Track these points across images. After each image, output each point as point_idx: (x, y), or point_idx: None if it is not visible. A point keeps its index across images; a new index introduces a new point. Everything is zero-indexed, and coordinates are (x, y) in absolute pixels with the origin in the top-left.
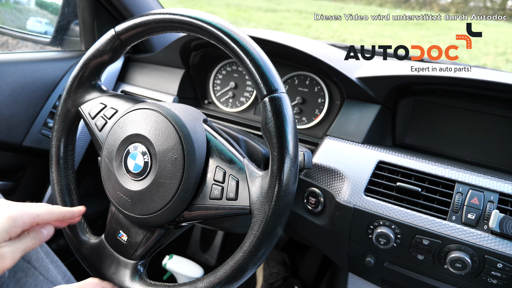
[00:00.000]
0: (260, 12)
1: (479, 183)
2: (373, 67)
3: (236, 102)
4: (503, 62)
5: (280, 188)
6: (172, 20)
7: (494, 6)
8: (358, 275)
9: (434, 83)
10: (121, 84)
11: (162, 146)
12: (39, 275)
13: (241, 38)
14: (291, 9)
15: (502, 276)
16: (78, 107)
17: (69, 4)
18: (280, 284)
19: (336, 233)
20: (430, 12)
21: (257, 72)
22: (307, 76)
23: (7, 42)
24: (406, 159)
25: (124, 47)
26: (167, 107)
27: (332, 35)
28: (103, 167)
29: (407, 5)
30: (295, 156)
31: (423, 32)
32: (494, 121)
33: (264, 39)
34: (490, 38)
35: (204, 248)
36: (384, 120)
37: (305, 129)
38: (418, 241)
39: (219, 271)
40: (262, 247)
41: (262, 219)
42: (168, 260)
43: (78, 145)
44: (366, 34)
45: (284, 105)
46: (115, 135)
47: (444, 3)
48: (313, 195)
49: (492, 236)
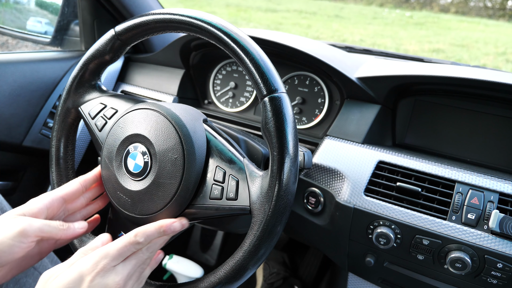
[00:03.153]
0: (260, 12)
1: (479, 183)
2: (373, 67)
3: (236, 102)
4: (503, 62)
5: (280, 188)
6: (172, 20)
7: (494, 6)
8: (358, 275)
9: (434, 83)
10: (121, 84)
11: (162, 146)
12: (38, 275)
13: (241, 38)
14: (291, 9)
15: (502, 276)
16: (78, 107)
17: (69, 4)
18: (280, 284)
19: (336, 233)
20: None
21: (257, 72)
22: (307, 76)
23: (7, 42)
24: (406, 159)
25: (124, 47)
26: (167, 107)
27: (332, 35)
28: (103, 167)
29: (408, 5)
30: (295, 156)
31: (423, 32)
32: (494, 121)
33: (264, 39)
34: (490, 38)
35: (204, 248)
36: (384, 120)
37: (305, 129)
38: (418, 241)
39: (219, 271)
40: (262, 247)
41: (262, 219)
42: (168, 260)
43: (78, 145)
44: (366, 34)
45: (284, 105)
46: (115, 135)
47: (444, 3)
48: (313, 195)
49: (492, 236)
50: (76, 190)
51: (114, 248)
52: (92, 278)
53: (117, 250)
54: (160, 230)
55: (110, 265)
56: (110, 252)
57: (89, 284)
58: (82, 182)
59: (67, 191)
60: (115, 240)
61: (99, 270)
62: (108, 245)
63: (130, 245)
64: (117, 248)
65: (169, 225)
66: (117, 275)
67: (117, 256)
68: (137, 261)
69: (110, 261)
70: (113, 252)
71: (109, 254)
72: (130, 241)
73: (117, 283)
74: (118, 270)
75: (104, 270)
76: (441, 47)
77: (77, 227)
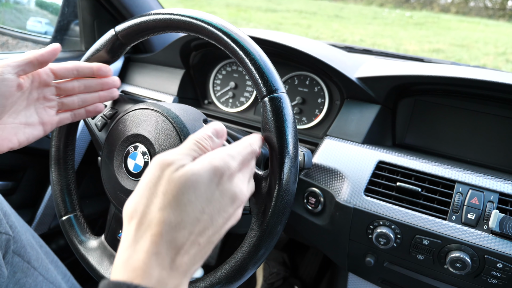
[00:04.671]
0: (260, 12)
1: (479, 183)
2: (373, 67)
3: (236, 102)
4: (503, 62)
5: (280, 188)
6: (172, 20)
7: (494, 6)
8: (358, 275)
9: (434, 83)
10: (121, 84)
11: (162, 146)
12: (38, 275)
13: (241, 38)
14: (291, 9)
15: (502, 276)
16: None
17: (69, 4)
18: (280, 284)
19: (336, 233)
20: (430, 12)
21: (257, 72)
22: (307, 76)
23: (7, 42)
24: (406, 159)
25: (124, 47)
26: (167, 107)
27: (332, 35)
28: (103, 167)
29: (408, 5)
30: (295, 156)
31: (423, 32)
32: (494, 121)
33: (264, 39)
34: (490, 38)
35: None
36: (384, 120)
37: (305, 129)
38: (418, 241)
39: (219, 271)
40: (262, 247)
41: (262, 219)
42: None
43: (78, 145)
44: (366, 34)
45: (284, 105)
46: (115, 135)
47: (444, 3)
48: (313, 195)
49: (492, 236)
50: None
51: (238, 151)
52: (224, 181)
53: (242, 155)
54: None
55: (237, 170)
56: (235, 156)
57: (221, 187)
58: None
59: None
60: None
61: (230, 174)
62: (230, 147)
63: (250, 153)
64: (241, 153)
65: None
66: (242, 183)
67: (241, 162)
68: (250, 172)
69: (237, 165)
70: (238, 156)
71: (236, 158)
72: (251, 149)
73: (243, 191)
74: (241, 177)
75: (233, 175)
76: (441, 47)
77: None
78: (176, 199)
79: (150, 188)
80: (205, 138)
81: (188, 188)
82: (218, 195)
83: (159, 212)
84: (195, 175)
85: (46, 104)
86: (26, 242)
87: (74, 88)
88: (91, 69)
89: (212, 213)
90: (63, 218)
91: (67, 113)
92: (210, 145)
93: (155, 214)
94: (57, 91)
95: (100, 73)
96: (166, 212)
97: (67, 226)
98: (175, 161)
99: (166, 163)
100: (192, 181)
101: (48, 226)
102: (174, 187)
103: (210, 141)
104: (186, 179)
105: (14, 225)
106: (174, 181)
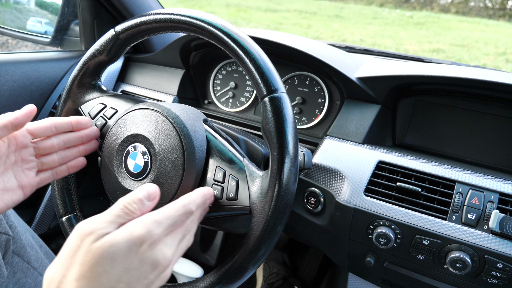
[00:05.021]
0: (260, 12)
1: (479, 183)
2: (373, 67)
3: (236, 102)
4: (503, 62)
5: (280, 188)
6: (172, 20)
7: (494, 6)
8: (358, 275)
9: (434, 83)
10: (121, 84)
11: (162, 146)
12: (38, 275)
13: (241, 38)
14: (291, 9)
15: (502, 276)
16: (78, 107)
17: (69, 4)
18: (280, 284)
19: (336, 233)
20: (430, 12)
21: (257, 72)
22: (307, 76)
23: (7, 42)
24: (406, 159)
25: (124, 47)
26: (167, 107)
27: (332, 35)
28: (103, 167)
29: (408, 5)
30: (295, 156)
31: (423, 32)
32: (494, 121)
33: (264, 39)
34: (490, 38)
35: (204, 248)
36: (384, 120)
37: (305, 129)
38: (418, 241)
39: (219, 271)
40: (262, 247)
41: (262, 219)
42: None
43: None
44: (366, 34)
45: (284, 105)
46: (115, 135)
47: (444, 3)
48: (313, 195)
49: (492, 236)
50: (43, 126)
51: (167, 216)
52: (143, 250)
53: (171, 219)
54: (204, 198)
55: (162, 235)
56: (162, 221)
57: (140, 256)
58: (53, 121)
59: (21, 118)
60: (163, 208)
61: (152, 241)
62: (158, 212)
63: (183, 215)
64: (170, 217)
65: (211, 192)
66: (167, 248)
67: (169, 226)
68: (184, 232)
69: (163, 230)
70: (166, 221)
71: (162, 223)
72: (185, 210)
73: (166, 257)
74: (167, 242)
75: (156, 242)
76: (441, 47)
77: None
78: (92, 270)
79: (69, 257)
80: (134, 202)
81: (106, 259)
82: (137, 264)
83: (74, 283)
84: (113, 246)
85: (24, 166)
86: (26, 242)
87: (54, 146)
88: (70, 123)
89: (130, 282)
90: (63, 218)
91: (47, 172)
92: (140, 209)
93: (70, 284)
94: (36, 151)
95: (79, 126)
96: (81, 283)
97: (67, 226)
98: (95, 230)
99: (87, 233)
100: (110, 252)
101: (48, 226)
102: (91, 258)
103: (139, 205)
104: (103, 250)
105: (14, 225)
106: (91, 252)
